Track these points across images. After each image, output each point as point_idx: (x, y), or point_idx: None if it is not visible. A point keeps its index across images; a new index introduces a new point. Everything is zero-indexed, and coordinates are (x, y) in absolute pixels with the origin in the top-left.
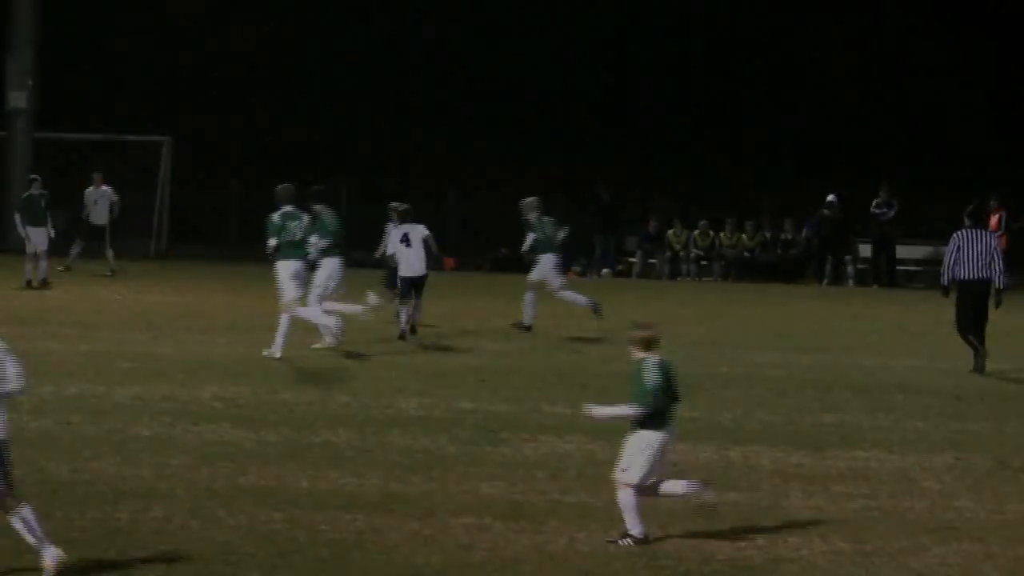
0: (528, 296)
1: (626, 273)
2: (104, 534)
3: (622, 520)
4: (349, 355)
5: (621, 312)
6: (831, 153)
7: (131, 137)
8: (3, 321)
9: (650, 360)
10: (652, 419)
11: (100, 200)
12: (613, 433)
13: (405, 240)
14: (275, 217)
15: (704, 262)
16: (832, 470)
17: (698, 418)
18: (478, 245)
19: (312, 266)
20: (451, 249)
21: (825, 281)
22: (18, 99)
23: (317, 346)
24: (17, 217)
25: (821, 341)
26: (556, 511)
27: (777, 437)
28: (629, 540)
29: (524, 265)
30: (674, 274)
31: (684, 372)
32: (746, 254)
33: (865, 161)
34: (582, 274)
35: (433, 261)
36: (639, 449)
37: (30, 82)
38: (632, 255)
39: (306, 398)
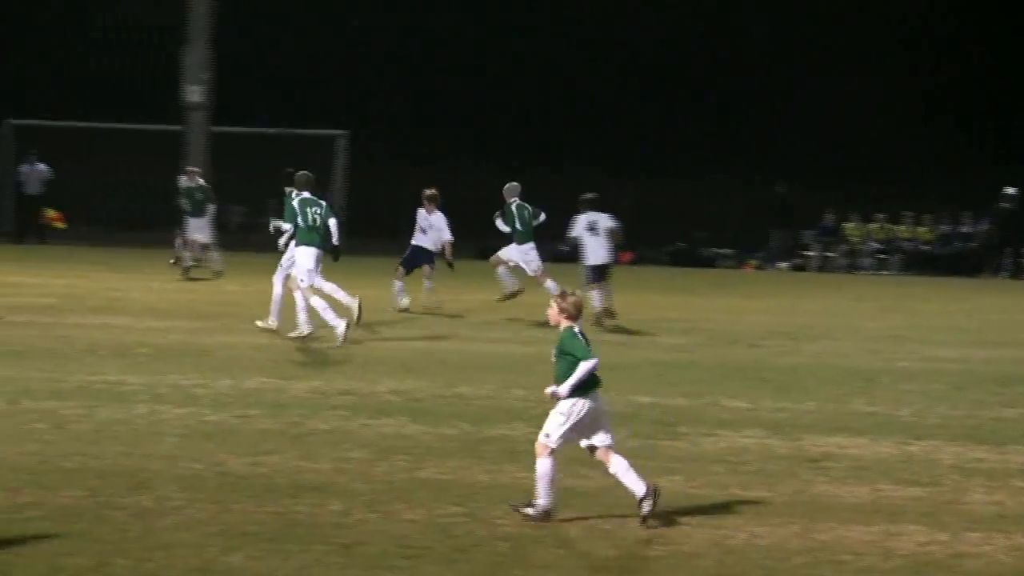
0: (501, 270)
1: (804, 267)
2: (283, 527)
3: (537, 491)
4: (526, 348)
5: (799, 306)
6: (1011, 145)
7: (308, 131)
8: (180, 315)
9: (575, 327)
10: (593, 383)
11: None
12: (793, 429)
13: (592, 228)
14: (294, 203)
15: (882, 255)
16: (1013, 465)
17: (877, 413)
18: (655, 238)
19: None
20: (627, 242)
21: (1004, 274)
22: (194, 93)
23: (259, 324)
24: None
25: (1000, 335)
26: (734, 505)
27: (957, 432)
28: (531, 510)
29: (700, 259)
30: (852, 267)
31: (862, 366)
32: (924, 247)
33: None
34: (759, 267)
35: (616, 250)
36: (562, 415)
37: (205, 76)
38: (809, 248)
39: (483, 392)
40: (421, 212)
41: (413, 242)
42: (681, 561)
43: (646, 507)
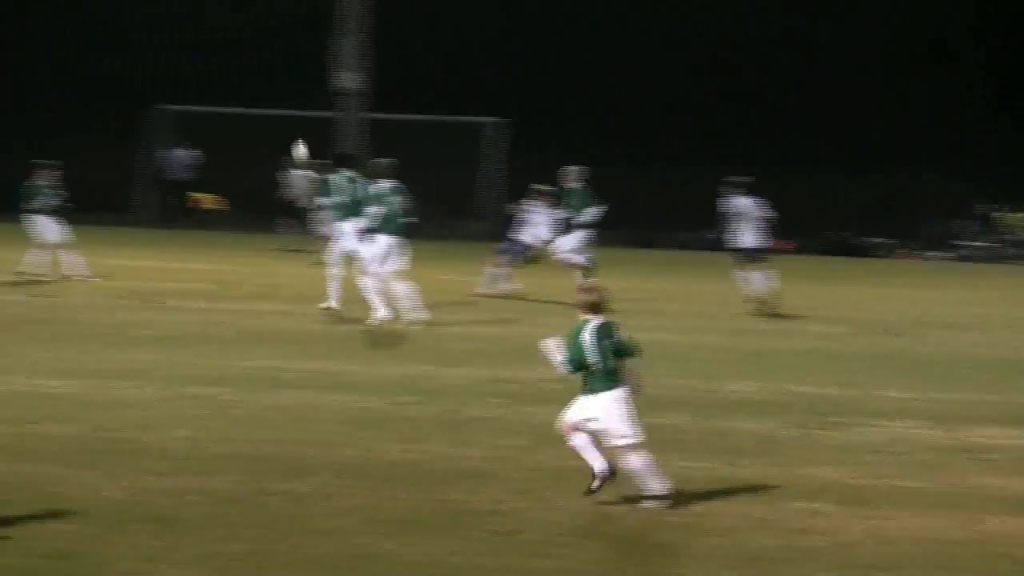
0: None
1: (957, 256)
2: (436, 513)
3: (643, 484)
4: (682, 336)
5: (953, 296)
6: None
7: (464, 118)
8: (344, 300)
9: (591, 323)
10: (610, 379)
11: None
12: (951, 420)
13: (743, 213)
14: (381, 188)
15: None
16: None
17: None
18: (809, 228)
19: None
20: (786, 231)
21: None
22: (348, 80)
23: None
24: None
25: None
26: (891, 496)
27: None
28: (658, 501)
29: (853, 248)
30: (1004, 257)
31: (1017, 356)
32: None
33: None
34: (912, 257)
35: (770, 236)
36: (626, 407)
37: (360, 63)
38: (962, 238)
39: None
40: (530, 206)
41: (516, 236)
42: (838, 550)
43: (651, 503)
